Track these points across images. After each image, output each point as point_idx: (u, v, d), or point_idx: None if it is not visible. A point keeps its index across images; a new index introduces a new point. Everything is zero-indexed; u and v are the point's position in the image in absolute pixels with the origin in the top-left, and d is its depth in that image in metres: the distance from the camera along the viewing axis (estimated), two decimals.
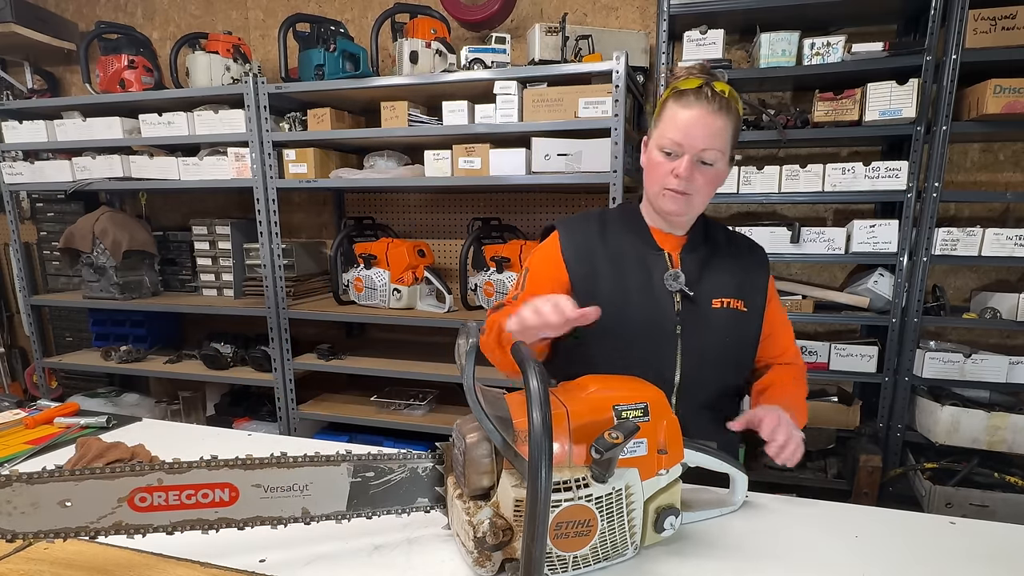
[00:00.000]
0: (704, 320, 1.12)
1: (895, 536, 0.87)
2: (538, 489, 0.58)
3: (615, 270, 1.15)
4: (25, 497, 0.66)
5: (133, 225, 2.77)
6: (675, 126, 1.04)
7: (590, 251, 1.16)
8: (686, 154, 1.04)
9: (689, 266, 1.13)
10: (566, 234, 1.20)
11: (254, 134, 2.36)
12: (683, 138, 1.03)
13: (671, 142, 1.05)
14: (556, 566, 0.73)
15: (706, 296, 1.13)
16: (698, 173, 1.05)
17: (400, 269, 2.41)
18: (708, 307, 1.12)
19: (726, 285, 1.14)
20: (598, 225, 1.20)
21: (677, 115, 1.05)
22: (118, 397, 2.98)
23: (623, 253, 1.16)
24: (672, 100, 1.06)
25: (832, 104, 1.98)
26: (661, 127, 1.08)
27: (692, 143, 1.03)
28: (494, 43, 2.26)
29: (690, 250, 1.15)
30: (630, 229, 1.18)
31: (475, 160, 2.18)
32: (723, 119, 1.03)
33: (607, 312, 1.09)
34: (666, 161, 1.06)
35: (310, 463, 0.76)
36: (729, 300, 1.14)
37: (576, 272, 1.15)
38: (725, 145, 1.05)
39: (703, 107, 1.02)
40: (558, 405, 0.74)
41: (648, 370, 1.05)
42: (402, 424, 2.41)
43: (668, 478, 0.79)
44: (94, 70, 2.67)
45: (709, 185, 1.08)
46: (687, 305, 1.12)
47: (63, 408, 1.40)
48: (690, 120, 1.03)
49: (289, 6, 2.84)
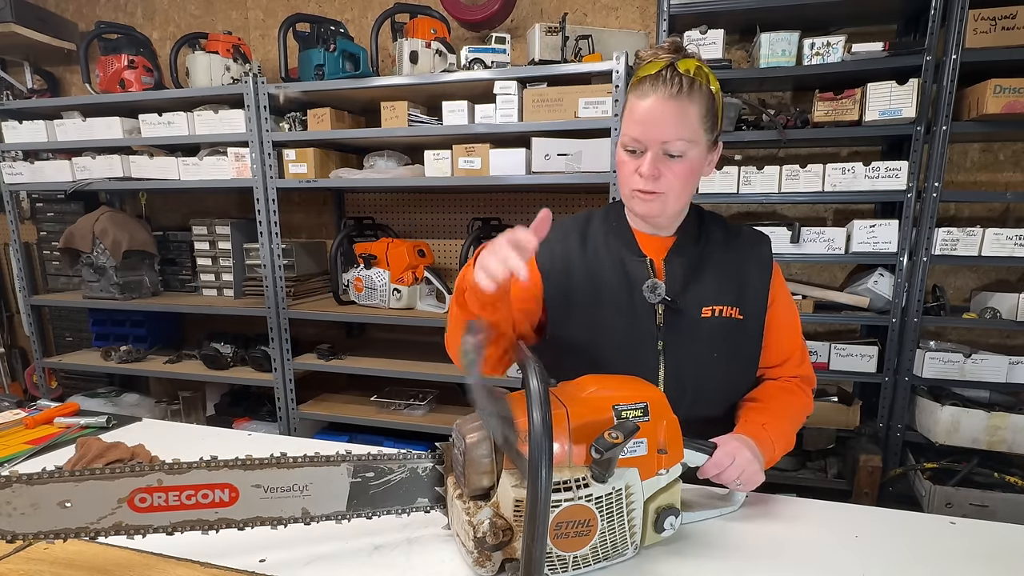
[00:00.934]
0: (690, 332, 1.03)
1: (895, 536, 0.87)
2: (538, 489, 0.58)
3: (591, 280, 1.06)
4: (25, 498, 0.66)
5: (133, 225, 2.77)
6: (633, 120, 0.96)
7: (566, 259, 1.08)
8: (648, 150, 0.95)
9: (675, 272, 1.04)
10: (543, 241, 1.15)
11: (254, 134, 2.36)
12: (641, 132, 0.94)
13: (631, 139, 0.96)
14: (556, 566, 0.73)
15: (694, 305, 1.03)
16: (666, 169, 0.95)
17: (400, 269, 2.41)
18: (696, 317, 1.02)
19: (719, 290, 1.04)
20: (579, 230, 1.12)
21: (635, 107, 0.95)
22: (118, 397, 2.98)
23: (601, 261, 1.07)
24: (631, 92, 0.98)
25: (832, 104, 1.98)
26: (623, 123, 0.99)
27: (652, 136, 0.94)
28: (494, 43, 2.26)
29: (678, 253, 1.05)
30: (613, 233, 1.09)
31: (475, 160, 2.18)
32: (687, 102, 0.93)
33: (580, 326, 1.05)
34: (631, 160, 0.98)
35: (310, 463, 0.76)
36: (721, 308, 1.03)
37: (550, 282, 1.07)
38: (694, 131, 0.94)
39: (660, 93, 0.92)
40: (558, 405, 0.74)
41: None
42: (402, 424, 2.41)
43: (668, 478, 0.79)
44: (94, 70, 2.67)
45: (682, 180, 0.97)
46: (671, 317, 1.02)
47: (63, 408, 1.40)
48: (647, 111, 0.93)
49: (289, 6, 2.84)
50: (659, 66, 0.94)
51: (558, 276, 1.07)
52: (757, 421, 1.00)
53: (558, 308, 1.06)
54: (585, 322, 1.05)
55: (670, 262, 1.04)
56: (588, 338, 1.05)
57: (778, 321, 1.09)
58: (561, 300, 1.06)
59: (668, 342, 1.03)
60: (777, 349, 1.10)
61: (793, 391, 1.10)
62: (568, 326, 1.07)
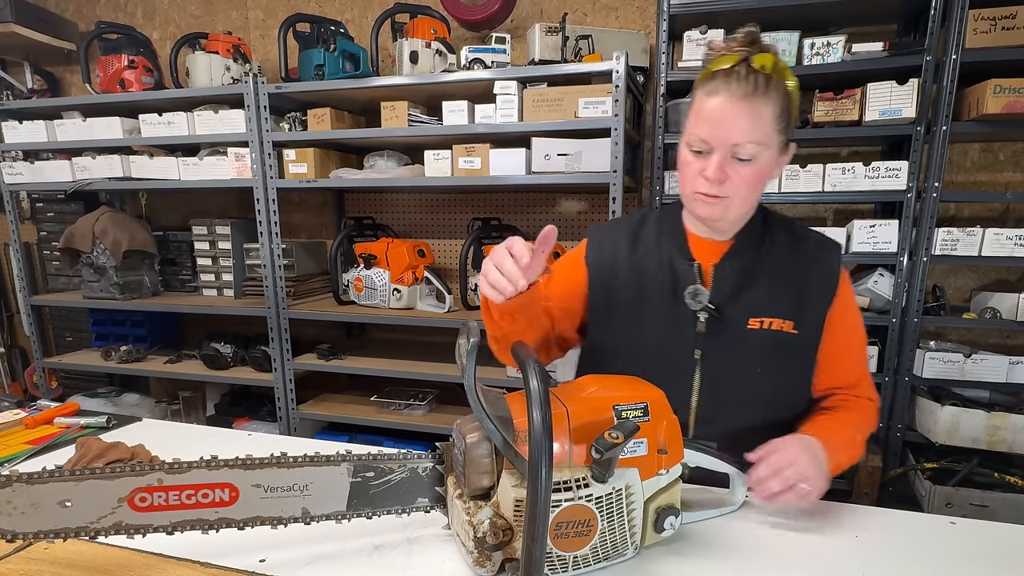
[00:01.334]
0: (733, 343, 0.97)
1: (895, 536, 0.87)
2: (538, 489, 0.58)
3: (636, 282, 1.02)
4: (25, 497, 0.66)
5: (133, 225, 2.77)
6: (701, 119, 0.90)
7: (614, 257, 1.05)
8: (715, 151, 0.89)
9: (725, 278, 0.98)
10: (594, 236, 1.10)
11: (254, 134, 2.36)
12: (709, 133, 0.89)
13: (697, 138, 0.91)
14: (556, 566, 0.73)
15: (741, 315, 0.97)
16: (733, 172, 0.90)
17: (400, 269, 2.41)
18: (741, 328, 0.97)
19: (772, 301, 0.97)
20: (631, 229, 1.07)
21: (703, 105, 0.90)
22: (118, 397, 2.98)
23: (649, 263, 1.03)
24: (699, 88, 0.91)
25: (832, 104, 1.98)
26: (689, 121, 0.93)
27: (720, 138, 0.88)
28: (494, 43, 2.26)
29: (732, 258, 0.99)
30: (666, 234, 1.04)
31: (475, 160, 2.18)
32: (761, 102, 0.86)
33: (620, 327, 1.03)
34: (696, 160, 0.92)
35: (310, 463, 0.76)
36: (772, 320, 0.96)
37: (595, 278, 1.05)
38: (766, 134, 0.88)
39: (732, 92, 0.87)
40: (558, 405, 0.74)
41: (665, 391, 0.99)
42: (402, 424, 2.41)
43: (668, 478, 0.79)
44: (94, 70, 2.67)
45: (749, 184, 0.91)
46: (714, 326, 0.97)
47: (63, 408, 1.40)
48: (717, 110, 0.88)
49: (289, 6, 2.84)
50: (732, 60, 0.88)
51: (604, 275, 1.05)
52: (823, 424, 0.94)
53: (600, 308, 1.04)
54: (624, 324, 1.03)
55: (721, 268, 0.99)
56: (626, 341, 1.02)
57: (844, 341, 1.00)
58: (603, 300, 1.04)
59: (707, 351, 0.98)
60: (842, 372, 1.02)
61: (861, 405, 1.03)
62: (608, 327, 1.05)
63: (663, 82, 2.12)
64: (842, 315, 0.99)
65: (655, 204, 2.21)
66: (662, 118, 2.14)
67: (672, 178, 2.18)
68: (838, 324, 0.99)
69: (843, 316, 0.99)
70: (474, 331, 0.74)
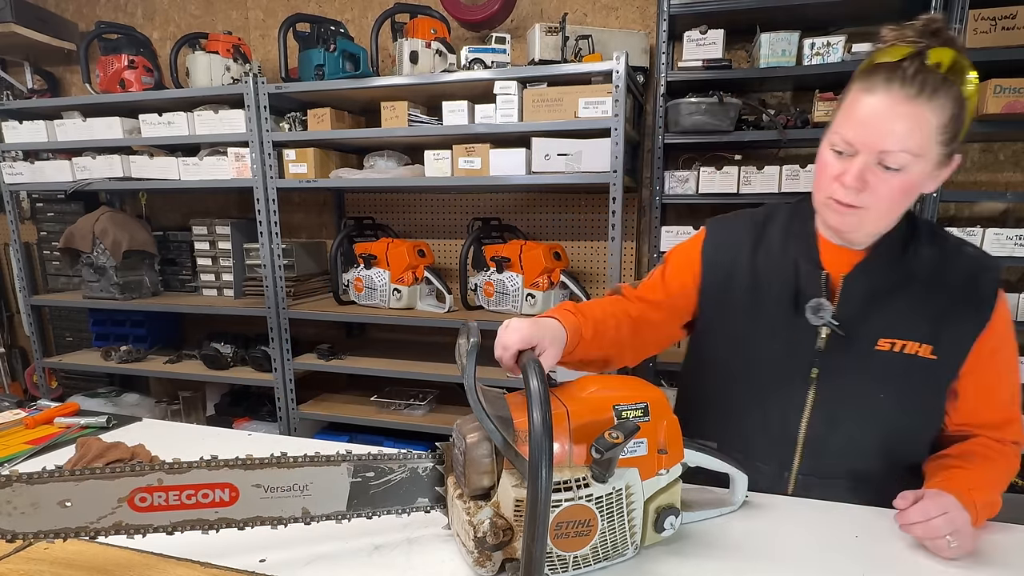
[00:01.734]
0: (857, 365, 0.88)
1: (895, 536, 0.87)
2: (538, 489, 0.58)
3: (754, 285, 0.94)
4: (25, 497, 0.66)
5: (133, 225, 2.77)
6: (850, 118, 0.80)
7: (733, 257, 0.96)
8: (859, 155, 0.79)
9: (855, 291, 0.88)
10: (713, 231, 1.02)
11: (254, 134, 2.36)
12: (857, 135, 0.78)
13: (842, 140, 0.80)
14: (556, 566, 0.73)
15: (869, 333, 0.87)
16: (876, 181, 0.78)
17: (400, 269, 2.41)
18: (868, 349, 0.87)
19: (910, 321, 0.86)
20: (756, 226, 0.98)
21: (857, 103, 0.79)
22: (118, 397, 2.98)
23: (772, 266, 0.93)
24: (858, 81, 0.81)
25: (832, 104, 1.98)
26: (838, 117, 0.83)
27: (868, 142, 0.77)
28: (494, 43, 2.26)
29: (867, 269, 0.88)
30: (795, 235, 0.94)
31: (475, 160, 2.18)
32: (925, 108, 0.74)
33: (730, 333, 0.96)
34: (836, 162, 0.82)
35: (310, 463, 0.76)
36: (906, 343, 0.85)
37: (710, 278, 0.98)
38: (923, 144, 0.76)
39: (894, 91, 0.75)
40: (558, 405, 0.74)
41: (770, 415, 0.93)
42: (402, 424, 2.41)
43: (668, 478, 0.79)
44: (94, 70, 2.67)
45: (892, 197, 0.80)
46: (836, 343, 0.88)
47: (63, 408, 1.40)
48: (871, 111, 0.77)
49: (289, 6, 2.84)
50: (901, 53, 0.76)
51: (719, 274, 0.97)
52: (964, 484, 0.83)
53: (711, 309, 0.97)
54: (735, 330, 0.95)
55: (853, 279, 0.89)
56: (735, 349, 0.96)
57: (993, 374, 0.88)
58: (716, 301, 0.97)
59: (825, 370, 0.89)
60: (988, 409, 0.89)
61: (1005, 453, 0.90)
62: (716, 332, 0.99)
63: (663, 82, 2.12)
64: (995, 343, 0.87)
65: (655, 204, 2.22)
66: (662, 118, 2.14)
67: (672, 178, 2.19)
68: (988, 353, 0.86)
69: (996, 345, 0.87)
70: (474, 331, 0.74)
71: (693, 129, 2.08)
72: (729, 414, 1.00)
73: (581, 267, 2.65)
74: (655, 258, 2.23)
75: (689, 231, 2.16)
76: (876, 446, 0.91)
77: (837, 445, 0.91)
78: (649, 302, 1.02)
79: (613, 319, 0.96)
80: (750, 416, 0.97)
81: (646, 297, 1.03)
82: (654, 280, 1.04)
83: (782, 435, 0.93)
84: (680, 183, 2.18)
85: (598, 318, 0.93)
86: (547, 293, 2.28)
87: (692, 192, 2.17)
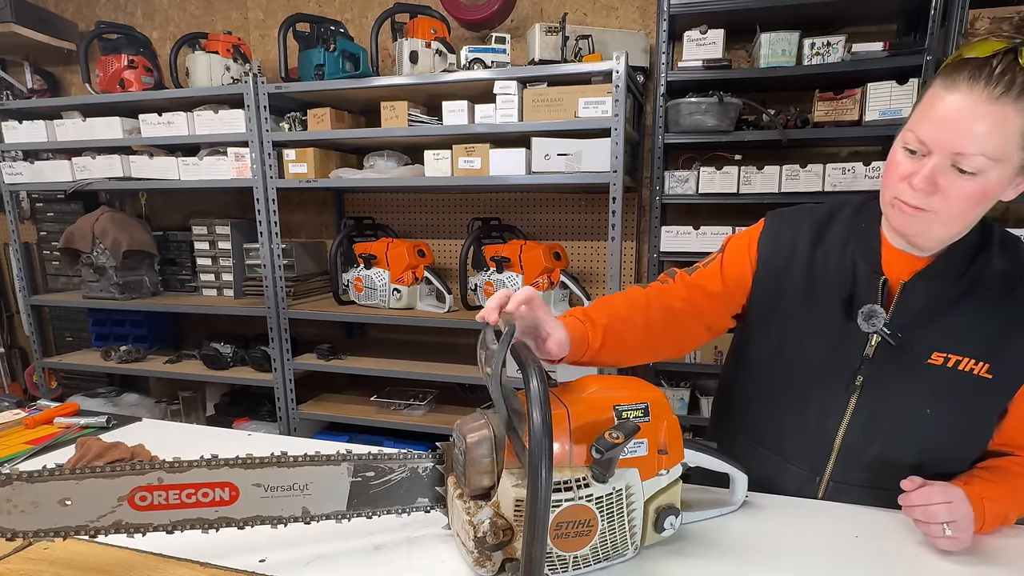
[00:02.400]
0: (906, 377, 0.84)
1: (895, 536, 0.87)
2: (538, 489, 0.58)
3: (809, 282, 0.91)
4: (25, 495, 0.66)
5: (133, 225, 2.77)
6: (927, 116, 0.74)
7: (789, 254, 0.93)
8: (933, 156, 0.74)
9: (913, 300, 0.84)
10: (771, 224, 0.98)
11: (254, 134, 2.36)
12: (931, 134, 0.73)
13: (916, 139, 0.75)
14: (556, 566, 0.73)
15: (924, 345, 0.83)
16: (948, 185, 0.74)
17: (400, 269, 2.41)
18: (920, 360, 0.84)
19: (969, 335, 0.82)
20: (817, 222, 0.94)
21: (936, 100, 0.74)
22: (118, 397, 2.98)
23: (829, 264, 0.90)
24: (941, 76, 0.75)
25: (832, 104, 1.98)
26: (914, 114, 0.78)
27: (943, 142, 0.72)
28: (494, 43, 2.26)
29: (929, 277, 0.84)
30: (857, 235, 0.91)
31: (475, 160, 2.18)
32: (1011, 110, 0.69)
33: (777, 330, 0.94)
34: (907, 161, 0.77)
35: (310, 462, 0.76)
36: (961, 358, 0.82)
37: (762, 273, 0.95)
38: (1004, 149, 0.71)
39: (979, 90, 0.70)
40: (558, 405, 0.74)
41: (807, 417, 0.92)
42: (402, 424, 2.41)
43: (668, 478, 0.79)
44: (94, 70, 2.67)
45: (965, 204, 0.75)
46: (886, 352, 0.85)
47: (63, 408, 1.39)
48: (950, 110, 0.71)
49: (289, 6, 2.84)
50: (992, 49, 0.70)
51: (775, 269, 0.94)
52: (979, 492, 0.81)
53: (762, 302, 0.95)
54: (783, 326, 0.93)
55: (912, 287, 0.85)
56: (779, 345, 0.93)
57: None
58: (767, 294, 0.94)
59: (870, 379, 0.86)
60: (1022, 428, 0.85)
61: None
62: (764, 326, 0.97)
63: (663, 82, 2.12)
64: None
65: (655, 204, 2.22)
66: (662, 118, 2.15)
67: (672, 178, 2.19)
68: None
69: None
70: (511, 327, 0.72)
71: (693, 129, 2.08)
72: (766, 411, 0.99)
73: (581, 267, 2.65)
74: (655, 258, 2.23)
75: (689, 231, 2.16)
76: (914, 459, 0.88)
77: (873, 455, 0.89)
78: (704, 290, 0.99)
79: (642, 315, 0.94)
80: (788, 416, 0.95)
81: (703, 285, 0.99)
82: (712, 268, 1.00)
83: (818, 439, 0.92)
84: (680, 183, 2.18)
85: (622, 317, 0.91)
86: (547, 293, 2.28)
87: (692, 192, 2.17)
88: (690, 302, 0.98)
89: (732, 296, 0.99)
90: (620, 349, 0.92)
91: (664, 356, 1.01)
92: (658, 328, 0.95)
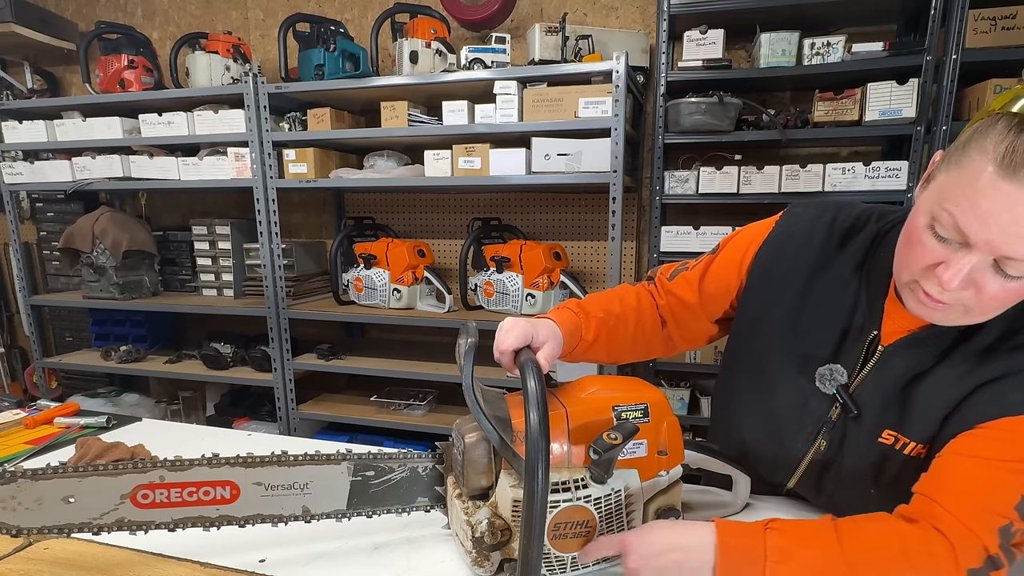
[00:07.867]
0: (857, 450, 0.78)
1: None
2: (535, 490, 0.58)
3: (798, 310, 0.81)
4: (29, 493, 0.66)
5: (133, 225, 2.77)
6: (972, 201, 0.58)
7: (787, 271, 0.83)
8: (973, 252, 0.60)
9: (894, 365, 0.75)
10: (779, 233, 0.87)
11: (254, 134, 2.36)
12: (976, 227, 0.58)
13: (953, 225, 0.60)
14: (555, 566, 0.73)
15: (877, 419, 0.76)
16: (985, 283, 0.61)
17: (400, 269, 2.41)
18: (871, 436, 0.76)
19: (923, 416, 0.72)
20: (831, 235, 0.82)
21: (983, 183, 0.57)
22: (118, 397, 2.98)
23: (825, 295, 0.80)
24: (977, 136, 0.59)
25: (832, 104, 1.98)
26: (946, 185, 0.61)
27: (991, 242, 0.58)
28: (494, 43, 2.26)
29: (919, 344, 0.73)
30: (869, 268, 0.78)
31: (475, 160, 2.18)
32: None
33: (755, 357, 0.88)
34: (936, 248, 0.62)
35: (310, 462, 0.76)
36: (908, 441, 0.73)
37: (751, 284, 0.87)
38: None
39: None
40: (557, 405, 0.74)
41: (768, 445, 0.90)
42: (402, 424, 2.41)
43: (668, 479, 0.79)
44: (94, 70, 2.67)
45: (1002, 301, 0.63)
46: (845, 419, 0.79)
47: (63, 408, 1.40)
48: (1006, 204, 0.56)
49: (289, 6, 2.84)
50: None
51: (766, 282, 0.85)
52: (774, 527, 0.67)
53: (745, 320, 0.89)
54: (759, 356, 0.87)
55: (896, 352, 0.75)
56: (752, 379, 0.88)
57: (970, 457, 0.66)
58: (751, 315, 0.87)
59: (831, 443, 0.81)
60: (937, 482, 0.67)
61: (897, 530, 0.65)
62: (746, 348, 0.91)
63: (663, 82, 2.12)
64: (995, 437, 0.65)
65: (655, 204, 2.22)
66: (662, 118, 2.15)
67: (672, 178, 2.19)
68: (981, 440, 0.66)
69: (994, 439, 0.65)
70: (472, 331, 0.74)
71: (693, 129, 2.08)
72: (738, 421, 0.97)
73: (581, 267, 2.65)
74: (655, 258, 2.23)
75: (689, 231, 2.16)
76: None
77: (821, 504, 0.90)
78: (679, 299, 0.95)
79: (634, 313, 0.93)
80: (755, 437, 0.94)
81: (677, 294, 0.95)
82: (693, 275, 0.94)
83: (772, 471, 0.92)
84: (680, 183, 2.18)
85: (616, 314, 0.92)
86: (547, 293, 2.28)
87: (692, 192, 2.17)
88: (668, 310, 0.98)
89: (707, 308, 0.95)
90: (612, 345, 0.93)
91: (656, 355, 1.02)
92: (648, 329, 0.96)
